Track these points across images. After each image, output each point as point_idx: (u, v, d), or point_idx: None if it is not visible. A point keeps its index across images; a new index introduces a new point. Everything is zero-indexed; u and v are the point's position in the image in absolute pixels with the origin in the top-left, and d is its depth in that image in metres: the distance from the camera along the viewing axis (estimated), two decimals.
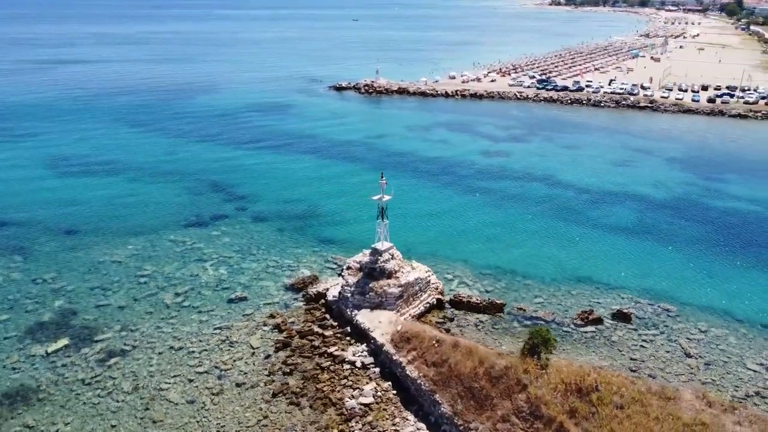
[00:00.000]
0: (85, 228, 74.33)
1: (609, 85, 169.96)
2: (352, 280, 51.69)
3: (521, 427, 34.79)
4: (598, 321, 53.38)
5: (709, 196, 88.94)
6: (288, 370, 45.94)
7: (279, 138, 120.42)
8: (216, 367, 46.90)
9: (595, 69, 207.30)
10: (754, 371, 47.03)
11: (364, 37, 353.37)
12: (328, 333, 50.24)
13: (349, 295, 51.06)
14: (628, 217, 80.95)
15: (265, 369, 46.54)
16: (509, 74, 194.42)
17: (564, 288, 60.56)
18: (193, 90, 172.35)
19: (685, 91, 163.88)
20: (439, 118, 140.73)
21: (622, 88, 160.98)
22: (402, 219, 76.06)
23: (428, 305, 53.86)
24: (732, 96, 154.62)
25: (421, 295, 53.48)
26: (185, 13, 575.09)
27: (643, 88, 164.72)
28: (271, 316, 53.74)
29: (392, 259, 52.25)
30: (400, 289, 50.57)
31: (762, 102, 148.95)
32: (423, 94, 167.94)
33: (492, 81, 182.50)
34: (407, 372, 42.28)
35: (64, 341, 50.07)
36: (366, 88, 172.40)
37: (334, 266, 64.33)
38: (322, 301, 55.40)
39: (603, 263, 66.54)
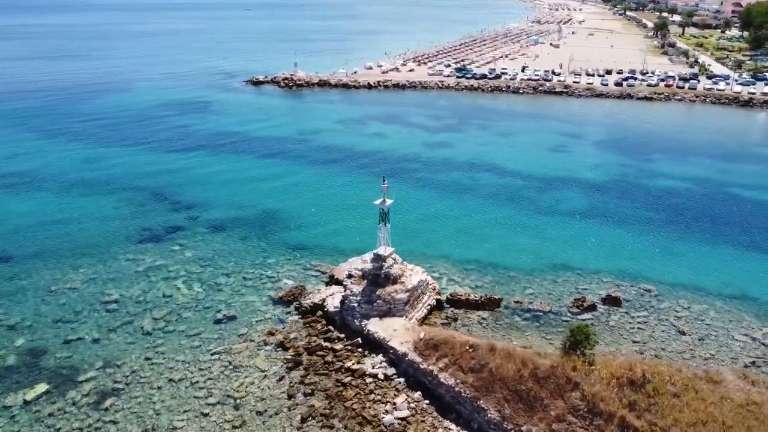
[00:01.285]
0: (19, 253, 66.44)
1: (523, 72, 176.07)
2: (357, 289, 49.76)
3: (580, 426, 34.99)
4: (593, 307, 55.04)
5: (644, 177, 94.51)
6: (309, 391, 43.50)
7: (208, 138, 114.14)
8: (229, 396, 43.50)
9: (504, 56, 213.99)
10: (743, 342, 50.45)
11: (264, 27, 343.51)
12: (338, 346, 48.11)
13: (355, 304, 49.13)
14: (579, 201, 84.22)
15: (283, 392, 43.78)
16: (425, 63, 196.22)
17: (548, 277, 61.88)
18: (96, 89, 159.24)
19: (592, 75, 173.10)
20: (369, 111, 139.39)
21: (537, 75, 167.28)
22: (364, 219, 74.59)
23: (429, 307, 53.09)
24: (635, 79, 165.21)
25: (423, 297, 52.56)
26: (53, 3, 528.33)
27: (554, 74, 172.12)
28: (270, 334, 50.67)
29: (395, 263, 50.82)
30: (407, 294, 49.39)
31: (662, 84, 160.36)
32: (345, 86, 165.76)
33: (410, 71, 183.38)
34: (441, 380, 41.33)
35: (42, 386, 44.42)
36: (286, 81, 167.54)
37: (317, 274, 61.86)
38: (320, 312, 52.92)
39: (572, 249, 68.68)
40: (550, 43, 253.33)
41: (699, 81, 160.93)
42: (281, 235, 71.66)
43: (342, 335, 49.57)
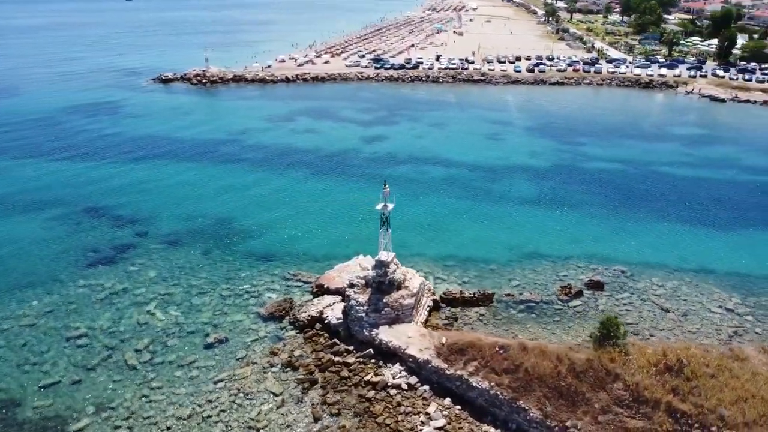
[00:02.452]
0: None
1: (438, 61, 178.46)
2: (363, 298, 48.10)
3: (627, 415, 35.96)
4: (580, 294, 56.91)
5: (580, 160, 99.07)
6: (335, 411, 41.57)
7: (129, 143, 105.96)
8: (251, 428, 40.64)
9: (413, 45, 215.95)
10: (720, 314, 54.18)
11: (153, 20, 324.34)
12: (350, 360, 46.34)
13: (363, 314, 47.50)
14: (528, 188, 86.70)
15: (308, 416, 41.55)
16: (339, 55, 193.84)
17: (527, 267, 63.16)
18: None
19: (504, 62, 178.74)
20: (295, 106, 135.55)
21: (454, 64, 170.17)
22: (327, 222, 72.76)
23: (429, 308, 52.46)
24: (544, 65, 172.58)
25: (422, 300, 51.86)
26: None
27: (468, 62, 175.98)
28: (273, 353, 47.91)
29: (398, 268, 49.66)
30: (413, 298, 48.46)
31: (570, 69, 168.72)
32: (262, 81, 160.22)
33: (326, 63, 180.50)
34: (473, 384, 40.95)
35: None
36: (198, 78, 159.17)
37: (300, 284, 59.28)
38: (319, 325, 50.73)
39: (539, 236, 70.50)
40: (454, 31, 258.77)
41: (601, 65, 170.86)
42: (245, 245, 67.95)
43: (350, 347, 47.79)
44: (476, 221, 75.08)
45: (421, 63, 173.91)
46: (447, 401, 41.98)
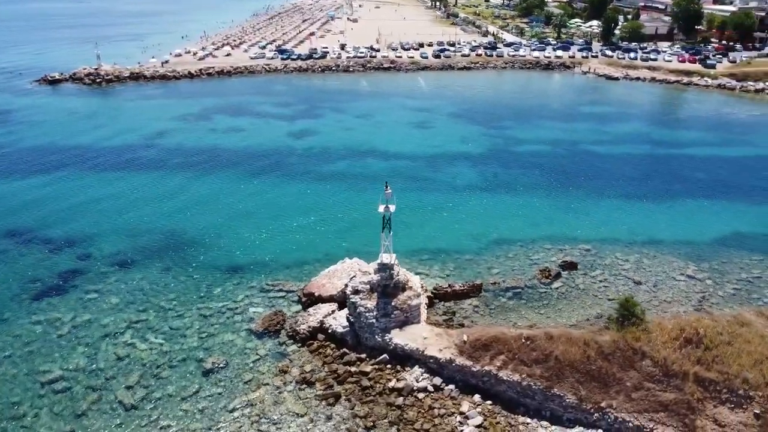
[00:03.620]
0: None
1: (342, 49, 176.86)
2: (371, 304, 46.93)
3: (659, 389, 38.10)
4: (558, 275, 59.26)
5: (512, 144, 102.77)
6: (369, 424, 40.41)
7: (32, 155, 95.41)
8: None
9: (312, 34, 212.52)
10: (685, 281, 58.68)
11: (18, 13, 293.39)
12: (367, 368, 45.18)
13: (373, 320, 46.40)
14: (471, 175, 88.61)
15: None
16: (237, 47, 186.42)
17: (499, 254, 64.58)
18: None
19: (408, 49, 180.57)
20: (207, 103, 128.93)
21: (362, 53, 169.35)
22: (285, 225, 70.26)
23: (425, 306, 52.30)
24: (448, 50, 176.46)
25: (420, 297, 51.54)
26: None
27: (373, 49, 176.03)
28: (283, 371, 45.60)
29: (399, 269, 48.97)
30: (420, 298, 48.11)
31: (473, 54, 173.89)
32: (163, 77, 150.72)
33: (228, 55, 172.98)
34: (503, 378, 41.48)
35: None
36: (90, 77, 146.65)
37: (283, 294, 56.73)
38: (321, 336, 48.95)
39: (499, 222, 72.14)
40: (348, 18, 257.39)
41: (502, 49, 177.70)
42: (205, 257, 63.84)
43: (362, 355, 46.56)
44: (434, 213, 75.51)
45: (327, 52, 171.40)
46: (477, 398, 42.18)
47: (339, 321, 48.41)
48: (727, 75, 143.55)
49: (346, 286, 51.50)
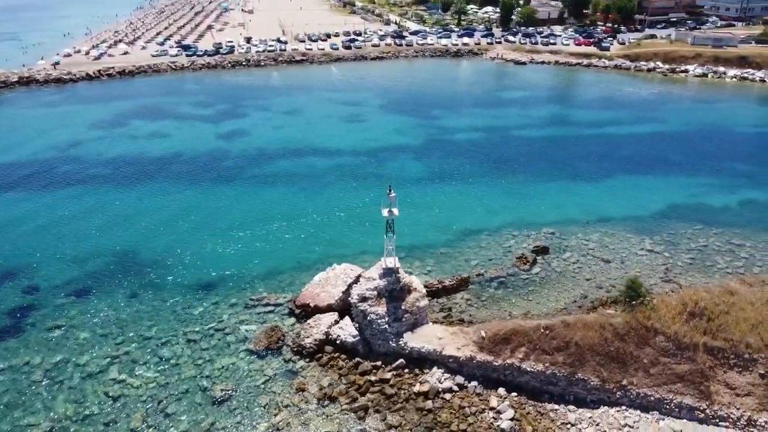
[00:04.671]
0: None
1: (249, 43, 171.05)
2: (381, 310, 46.32)
3: (674, 362, 40.98)
4: (534, 261, 61.54)
5: (446, 133, 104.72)
6: None
7: None
8: None
9: (210, 27, 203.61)
10: (645, 255, 62.98)
11: None
12: (387, 375, 44.70)
13: (386, 326, 45.89)
14: (416, 167, 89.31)
15: None
16: (133, 43, 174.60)
17: (471, 245, 65.76)
18: None
19: (316, 41, 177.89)
20: (118, 107, 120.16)
21: (272, 46, 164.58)
22: (241, 232, 67.66)
23: None
24: (357, 41, 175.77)
25: None
26: None
27: (281, 42, 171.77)
28: (300, 390, 44.03)
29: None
30: (426, 299, 48.21)
31: (383, 43, 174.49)
32: (58, 81, 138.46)
33: (125, 54, 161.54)
34: (526, 368, 42.69)
35: None
36: None
37: (271, 308, 54.52)
38: (329, 348, 47.72)
39: (458, 213, 73.08)
40: (242, 9, 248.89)
41: (411, 38, 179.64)
42: (173, 277, 59.88)
43: (377, 363, 45.93)
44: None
45: (234, 47, 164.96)
46: (501, 391, 43.09)
47: (347, 330, 47.35)
48: (622, 56, 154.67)
49: (348, 293, 50.48)
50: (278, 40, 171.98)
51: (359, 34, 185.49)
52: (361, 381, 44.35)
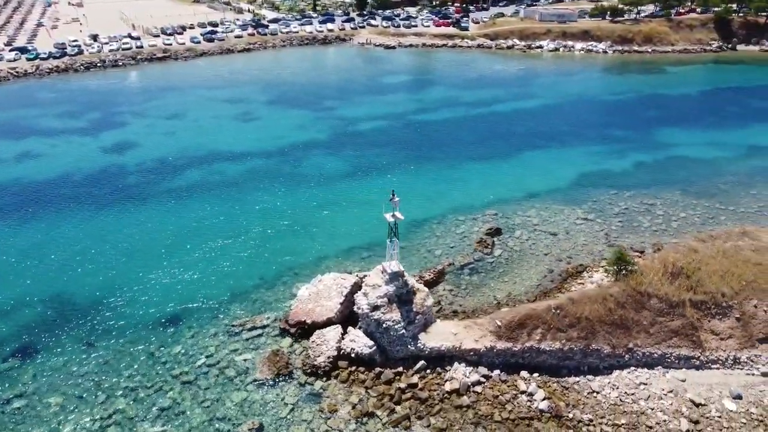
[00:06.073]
0: None
1: (96, 41, 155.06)
2: (395, 315, 45.87)
3: (668, 319, 45.89)
4: (493, 244, 64.43)
5: (349, 124, 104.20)
6: None
7: None
8: None
9: (40, 25, 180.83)
10: (583, 223, 68.65)
11: None
12: (414, 380, 44.70)
13: (403, 331, 45.65)
14: (334, 162, 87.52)
15: None
16: None
17: (426, 236, 66.63)
18: None
19: (171, 34, 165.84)
20: None
21: (127, 43, 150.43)
22: (185, 253, 63.27)
23: None
24: (217, 32, 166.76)
25: None
26: None
27: (133, 37, 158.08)
28: (333, 411, 42.50)
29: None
30: (430, 297, 48.72)
31: (245, 34, 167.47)
32: None
33: None
34: (545, 348, 45.15)
35: None
36: None
37: (258, 331, 51.44)
38: (344, 362, 46.37)
39: (401, 204, 74.03)
40: (69, 3, 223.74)
41: (276, 26, 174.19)
42: (129, 317, 53.61)
43: (399, 369, 45.67)
44: (327, 208, 73.26)
45: (80, 46, 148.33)
46: (524, 374, 45.16)
47: (360, 341, 46.30)
48: (482, 35, 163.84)
49: (348, 304, 49.43)
50: (130, 36, 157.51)
51: (216, 25, 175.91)
52: (391, 390, 43.87)
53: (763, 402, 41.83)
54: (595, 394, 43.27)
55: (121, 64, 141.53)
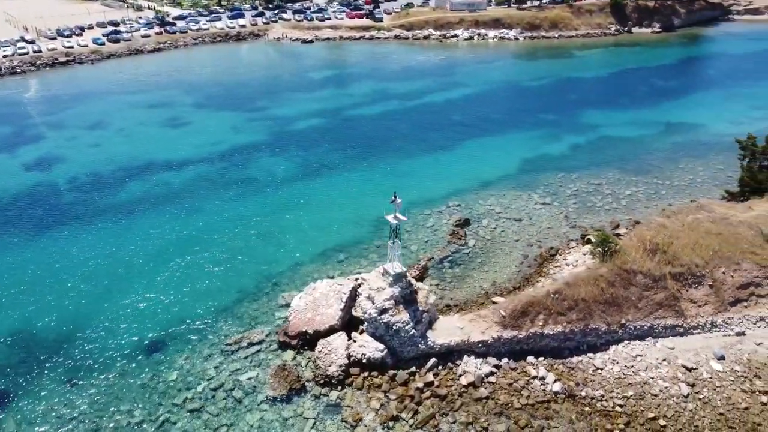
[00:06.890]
0: None
1: None
2: (404, 317, 46.02)
3: (653, 293, 49.34)
4: (465, 234, 66.04)
5: (284, 124, 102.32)
6: (481, 428, 41.75)
7: None
8: None
9: None
10: (545, 208, 71.43)
11: None
12: (429, 378, 45.27)
13: (413, 331, 46.00)
14: (283, 164, 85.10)
15: None
16: None
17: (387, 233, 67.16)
18: None
19: (69, 36, 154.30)
20: None
21: (23, 47, 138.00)
22: (150, 271, 60.38)
23: None
24: (121, 32, 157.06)
25: None
26: None
27: (26, 41, 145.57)
28: (358, 420, 42.20)
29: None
30: (433, 294, 49.45)
31: (152, 33, 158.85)
32: None
33: None
34: (548, 333, 47.18)
35: None
36: None
37: (256, 347, 49.70)
38: (356, 369, 46.12)
39: (361, 203, 72.42)
40: None
41: (183, 23, 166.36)
42: (108, 349, 49.77)
43: (412, 369, 46.05)
44: (289, 212, 71.23)
45: None
46: (531, 359, 46.98)
47: (371, 346, 46.14)
48: (398, 26, 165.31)
49: (348, 309, 49.04)
50: (24, 39, 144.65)
51: (117, 25, 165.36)
52: (410, 391, 44.16)
53: (743, 359, 46.07)
54: (599, 371, 45.76)
55: (19, 71, 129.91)
